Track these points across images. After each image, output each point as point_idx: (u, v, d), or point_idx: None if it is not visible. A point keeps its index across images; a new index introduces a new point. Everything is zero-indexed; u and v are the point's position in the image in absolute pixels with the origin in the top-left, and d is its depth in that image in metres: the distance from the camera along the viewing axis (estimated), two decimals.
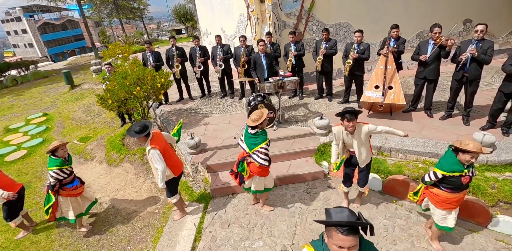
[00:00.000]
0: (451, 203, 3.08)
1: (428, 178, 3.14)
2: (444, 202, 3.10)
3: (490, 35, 7.90)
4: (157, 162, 3.59)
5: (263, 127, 3.67)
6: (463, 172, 2.93)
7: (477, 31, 4.27)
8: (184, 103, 7.43)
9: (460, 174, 2.95)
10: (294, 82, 5.26)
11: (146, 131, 3.61)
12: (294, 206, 4.23)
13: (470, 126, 4.93)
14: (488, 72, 7.43)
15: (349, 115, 3.19)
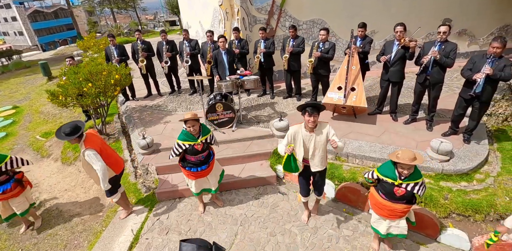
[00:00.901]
0: (383, 209, 2.92)
1: (367, 175, 3.03)
2: (376, 206, 2.98)
3: (470, 36, 7.65)
4: (94, 162, 3.39)
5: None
6: (396, 182, 2.77)
7: (440, 32, 4.02)
8: (151, 99, 7.18)
9: (393, 182, 2.79)
10: (254, 81, 5.02)
11: (77, 133, 3.38)
12: (239, 213, 4.04)
13: (433, 131, 4.74)
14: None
15: (310, 108, 2.90)
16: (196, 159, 3.57)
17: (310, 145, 3.14)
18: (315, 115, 2.92)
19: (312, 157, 3.21)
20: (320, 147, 3.16)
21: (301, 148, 3.18)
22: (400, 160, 2.61)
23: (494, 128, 5.02)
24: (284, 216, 3.97)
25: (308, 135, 3.11)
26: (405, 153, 2.63)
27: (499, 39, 3.53)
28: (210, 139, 3.57)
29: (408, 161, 2.57)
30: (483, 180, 4.02)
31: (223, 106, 5.04)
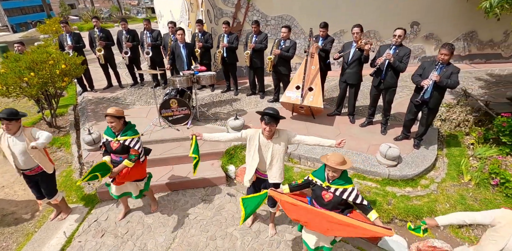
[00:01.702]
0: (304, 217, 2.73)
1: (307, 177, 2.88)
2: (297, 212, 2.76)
3: (437, 40, 7.72)
4: (42, 133, 3.18)
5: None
6: (324, 184, 2.69)
7: (395, 35, 3.96)
8: (111, 91, 6.84)
9: (321, 184, 2.71)
10: (210, 77, 4.83)
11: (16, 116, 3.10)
12: (183, 215, 3.90)
13: (386, 135, 4.74)
14: None
15: (267, 118, 2.70)
16: (114, 158, 3.34)
17: (267, 154, 2.94)
18: (272, 125, 2.73)
19: (270, 167, 3.01)
20: (278, 157, 2.96)
21: (255, 155, 2.97)
22: (327, 163, 2.55)
23: (447, 133, 5.10)
24: (228, 219, 3.87)
25: (266, 142, 2.91)
26: (334, 156, 2.55)
27: (447, 46, 3.51)
28: (131, 143, 3.21)
29: (334, 164, 2.51)
30: (427, 186, 4.07)
31: (177, 102, 4.83)
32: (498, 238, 2.20)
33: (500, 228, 2.20)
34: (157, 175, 4.34)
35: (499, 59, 8.50)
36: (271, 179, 3.07)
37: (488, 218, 2.28)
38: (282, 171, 3.06)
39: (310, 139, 2.92)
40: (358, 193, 2.71)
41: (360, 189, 3.97)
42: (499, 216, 2.23)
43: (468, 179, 4.16)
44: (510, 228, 2.15)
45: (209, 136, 3.04)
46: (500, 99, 6.08)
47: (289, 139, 2.91)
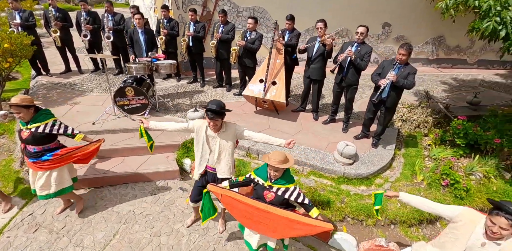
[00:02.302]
0: (246, 213, 2.64)
1: (249, 175, 2.78)
2: (239, 210, 2.68)
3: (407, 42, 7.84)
4: None
5: None
6: (266, 183, 2.60)
7: (358, 33, 3.91)
8: (68, 76, 6.39)
9: (263, 184, 2.62)
10: (170, 66, 4.58)
11: None
12: (128, 209, 3.68)
13: (347, 133, 4.73)
14: None
15: (210, 113, 2.53)
16: (28, 149, 3.04)
17: (215, 147, 2.81)
18: (215, 119, 2.57)
19: (218, 161, 2.89)
20: (227, 151, 2.83)
21: (205, 147, 2.84)
22: (268, 162, 2.45)
23: (407, 134, 5.17)
24: (177, 215, 3.70)
25: (213, 135, 2.78)
26: (275, 154, 2.46)
27: (405, 46, 3.49)
28: (45, 129, 2.89)
29: (275, 163, 2.41)
30: (381, 185, 4.09)
31: (134, 90, 4.55)
32: (458, 235, 2.21)
33: (461, 226, 2.21)
34: (106, 167, 4.08)
35: (464, 65, 8.80)
36: (219, 174, 2.93)
37: (451, 212, 2.29)
38: (231, 166, 2.94)
39: (258, 136, 2.81)
40: (300, 192, 2.63)
41: (315, 187, 3.93)
42: (461, 214, 2.24)
43: (421, 179, 4.23)
44: (471, 227, 2.16)
45: (155, 124, 2.86)
46: (461, 103, 6.27)
47: (237, 133, 2.78)
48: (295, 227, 2.55)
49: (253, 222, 2.70)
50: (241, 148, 4.35)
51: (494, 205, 2.01)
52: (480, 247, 2.09)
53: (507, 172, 4.65)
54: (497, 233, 1.94)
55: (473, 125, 4.76)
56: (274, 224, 2.60)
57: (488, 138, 4.59)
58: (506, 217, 1.89)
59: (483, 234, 2.07)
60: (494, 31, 3.02)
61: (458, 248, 2.18)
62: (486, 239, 2.05)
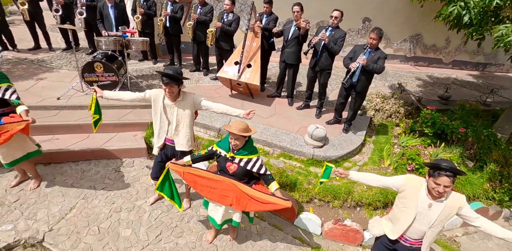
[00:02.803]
0: (210, 188, 2.61)
1: (211, 148, 2.73)
2: (202, 185, 2.63)
3: (386, 38, 8.01)
4: None
5: None
6: (228, 154, 2.58)
7: (332, 17, 3.93)
8: (37, 52, 6.08)
9: (226, 155, 2.59)
10: (142, 42, 4.45)
11: None
12: (89, 185, 3.54)
13: (320, 119, 4.76)
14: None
15: (165, 78, 2.45)
16: None
17: (172, 117, 2.75)
18: (171, 85, 2.49)
19: (176, 133, 2.82)
20: (184, 121, 2.77)
21: (163, 118, 2.77)
22: (230, 129, 2.41)
23: (379, 123, 5.26)
24: (140, 192, 3.59)
25: (170, 104, 2.70)
26: (237, 123, 2.43)
27: (376, 30, 3.54)
28: None
29: (236, 130, 2.38)
30: (349, 168, 4.13)
31: (103, 66, 4.38)
32: (407, 204, 2.26)
33: (408, 194, 2.26)
34: (68, 142, 3.91)
35: (440, 64, 9.10)
36: (178, 147, 2.87)
37: (396, 182, 2.34)
38: (190, 138, 2.87)
39: (217, 106, 2.76)
40: (262, 164, 2.61)
41: (283, 168, 3.92)
42: (405, 182, 2.30)
43: (388, 164, 4.32)
44: (416, 192, 2.22)
45: (110, 93, 2.75)
46: (433, 97, 6.46)
47: (195, 103, 2.73)
48: (253, 202, 2.54)
49: (217, 196, 2.66)
50: (212, 129, 4.29)
51: (432, 166, 2.08)
52: (428, 209, 2.16)
53: (470, 160, 4.84)
54: (442, 192, 2.02)
55: (441, 115, 4.91)
56: (237, 196, 2.57)
57: (453, 127, 4.75)
58: (447, 175, 1.97)
59: (427, 195, 2.15)
60: (458, 16, 3.11)
61: (409, 215, 2.24)
62: (432, 199, 2.14)
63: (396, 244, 2.43)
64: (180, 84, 2.57)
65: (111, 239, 2.98)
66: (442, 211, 2.13)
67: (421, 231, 2.26)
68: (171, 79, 2.46)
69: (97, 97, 2.74)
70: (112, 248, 2.91)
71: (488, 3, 2.84)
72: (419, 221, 2.22)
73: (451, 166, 1.99)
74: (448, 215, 2.16)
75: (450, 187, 2.01)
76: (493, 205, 4.70)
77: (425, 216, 2.18)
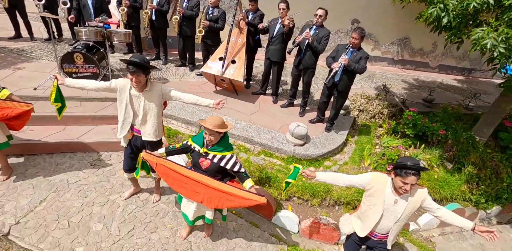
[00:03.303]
0: (182, 182, 2.56)
1: (186, 142, 2.69)
2: (174, 179, 2.59)
3: (375, 41, 8.08)
4: None
5: None
6: (202, 149, 2.53)
7: (316, 15, 3.93)
8: (18, 41, 5.90)
9: (199, 150, 2.55)
10: (125, 34, 4.36)
11: None
12: (62, 178, 3.44)
13: (303, 117, 4.75)
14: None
15: (131, 66, 2.37)
16: None
17: (139, 107, 2.68)
18: (138, 74, 2.42)
19: (143, 123, 2.76)
20: (152, 112, 2.71)
21: (128, 109, 2.69)
22: (204, 124, 2.37)
23: (362, 123, 5.29)
24: (115, 186, 3.52)
25: (137, 94, 2.63)
26: (212, 118, 2.39)
27: (357, 30, 3.55)
28: None
29: (211, 126, 2.34)
30: (329, 167, 4.14)
31: (83, 57, 4.28)
32: (374, 201, 2.28)
33: (374, 191, 2.28)
34: (43, 134, 3.81)
35: (426, 68, 9.23)
36: (144, 136, 2.81)
37: (363, 180, 2.35)
38: (158, 128, 2.82)
39: (186, 97, 2.72)
40: (236, 161, 2.57)
41: (263, 165, 3.90)
42: (371, 180, 2.30)
43: (368, 164, 4.34)
44: (382, 189, 2.24)
45: (72, 81, 2.64)
46: (417, 100, 6.54)
47: (164, 93, 2.68)
48: (228, 198, 2.51)
49: (188, 191, 2.61)
50: (193, 124, 4.23)
51: (398, 165, 2.09)
52: (394, 205, 2.19)
53: (450, 162, 4.91)
54: (409, 190, 2.06)
55: (422, 117, 4.98)
56: (208, 193, 2.53)
57: (434, 129, 4.82)
58: (414, 173, 2.01)
59: (393, 192, 2.18)
60: (438, 17, 3.15)
61: (377, 213, 2.26)
62: (397, 195, 2.17)
63: (366, 240, 2.45)
64: (147, 74, 2.52)
65: (81, 233, 2.91)
66: (407, 205, 2.19)
67: (389, 226, 2.30)
68: (137, 68, 2.39)
69: (58, 85, 2.64)
70: (81, 243, 2.83)
71: (466, 6, 2.88)
72: (386, 217, 2.25)
73: (418, 165, 2.02)
74: (413, 208, 2.22)
75: (415, 184, 2.06)
76: (469, 206, 4.80)
77: (391, 212, 2.22)
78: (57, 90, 2.78)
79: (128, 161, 3.03)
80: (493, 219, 5.05)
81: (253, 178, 3.83)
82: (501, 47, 2.81)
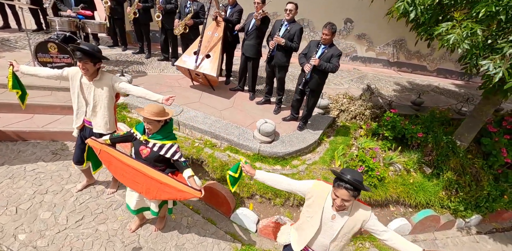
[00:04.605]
0: (123, 171, 2.51)
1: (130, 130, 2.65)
2: (116, 167, 2.54)
3: (369, 41, 7.90)
4: None
5: None
6: (142, 137, 2.48)
7: (286, 10, 3.83)
8: (5, 32, 5.98)
9: (140, 138, 2.50)
10: (99, 25, 4.36)
11: None
12: (20, 165, 3.45)
13: (278, 115, 4.66)
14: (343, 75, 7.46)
15: (78, 52, 2.36)
16: None
17: (89, 97, 2.67)
18: (85, 61, 2.41)
19: (94, 114, 2.74)
20: (102, 103, 2.69)
21: (80, 98, 2.68)
22: (141, 113, 2.32)
23: (342, 124, 5.16)
24: (73, 175, 3.50)
25: (87, 83, 2.62)
26: (151, 106, 2.34)
27: (328, 25, 3.43)
28: None
29: (148, 114, 2.30)
30: (296, 167, 4.04)
31: (57, 47, 4.28)
32: (312, 213, 2.07)
33: (312, 203, 2.07)
34: (9, 121, 3.84)
35: (424, 71, 8.98)
36: (95, 128, 2.79)
37: (304, 187, 2.14)
38: (109, 120, 2.79)
39: (136, 90, 2.71)
40: (177, 150, 2.51)
41: (227, 161, 3.82)
42: (312, 189, 2.09)
43: (338, 165, 4.21)
44: (321, 201, 2.02)
45: (27, 68, 2.65)
46: (406, 102, 6.36)
47: (114, 85, 2.65)
48: (165, 190, 2.44)
49: (129, 181, 2.56)
50: None
51: (336, 175, 1.91)
52: (331, 221, 1.99)
53: (428, 167, 4.74)
54: (341, 205, 1.86)
55: (403, 119, 4.81)
56: (147, 184, 2.48)
57: (413, 132, 4.65)
58: (346, 187, 1.79)
59: (332, 206, 1.96)
60: (405, 12, 3.01)
61: (313, 226, 2.06)
62: (335, 211, 1.96)
63: None
64: (96, 62, 2.48)
65: (27, 221, 2.90)
66: (345, 224, 1.97)
67: (325, 244, 2.08)
68: (84, 54, 2.38)
69: (14, 71, 2.64)
70: (25, 230, 2.82)
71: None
72: (323, 233, 2.04)
73: (354, 178, 1.79)
74: (352, 229, 1.99)
75: (349, 201, 1.83)
76: (447, 213, 4.61)
77: (328, 228, 2.01)
78: (13, 76, 2.77)
79: (77, 152, 3.00)
80: (472, 228, 4.84)
81: (215, 175, 3.77)
82: (465, 43, 2.67)
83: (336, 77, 7.06)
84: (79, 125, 2.81)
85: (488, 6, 2.67)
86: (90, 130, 2.82)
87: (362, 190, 1.84)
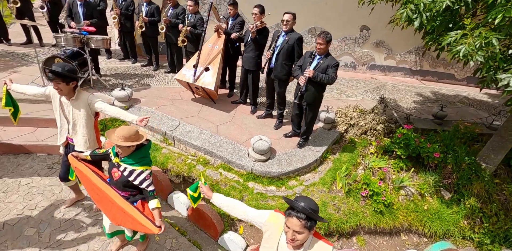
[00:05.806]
0: (94, 192, 2.42)
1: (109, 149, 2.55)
2: (89, 187, 2.47)
3: (388, 49, 7.42)
4: None
5: None
6: (114, 160, 2.39)
7: (283, 20, 3.63)
8: (28, 47, 6.35)
9: (113, 159, 2.41)
10: (103, 41, 4.42)
11: None
12: (15, 179, 3.53)
13: (278, 130, 4.42)
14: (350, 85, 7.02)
15: (51, 74, 2.39)
16: None
17: (69, 115, 2.68)
18: (57, 82, 2.40)
19: (74, 132, 2.75)
20: (81, 122, 2.69)
21: (62, 116, 2.72)
22: (109, 137, 2.20)
23: (351, 139, 4.79)
24: (65, 190, 3.52)
25: (66, 102, 2.63)
26: (121, 129, 2.20)
27: (322, 34, 3.18)
28: None
29: (114, 139, 2.17)
30: (292, 188, 3.76)
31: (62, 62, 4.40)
32: (268, 248, 1.82)
33: (269, 236, 1.83)
34: (13, 134, 3.98)
35: (451, 80, 8.27)
36: (76, 146, 2.78)
37: (259, 218, 1.90)
38: (88, 139, 2.75)
39: (111, 110, 2.67)
40: (146, 178, 2.37)
41: (218, 181, 3.65)
42: (267, 221, 1.84)
43: (340, 187, 3.87)
44: (277, 236, 1.78)
45: (17, 87, 2.75)
46: (426, 115, 5.83)
47: (90, 104, 2.62)
48: (127, 219, 2.32)
49: (100, 202, 2.48)
50: (158, 132, 4.14)
51: (288, 202, 1.66)
52: None
53: (448, 191, 4.23)
54: (293, 238, 1.60)
55: (418, 136, 4.36)
56: (114, 209, 2.37)
57: (428, 151, 4.18)
58: (297, 216, 1.55)
59: (287, 243, 1.69)
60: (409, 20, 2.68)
61: None
62: (290, 248, 1.70)
63: None
64: (69, 82, 2.45)
65: (11, 237, 2.92)
66: None
67: None
68: (55, 75, 2.37)
69: (8, 89, 2.73)
70: (8, 246, 2.83)
71: (439, 2, 2.37)
72: None
73: (309, 207, 1.56)
74: None
75: (302, 234, 1.58)
76: (469, 247, 4.05)
77: None
78: (7, 94, 2.86)
79: (63, 169, 3.00)
80: None
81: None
82: (478, 55, 2.29)
83: (350, 88, 6.67)
84: (63, 142, 2.85)
85: (506, 11, 2.29)
86: (73, 147, 2.82)
87: (316, 220, 1.59)
